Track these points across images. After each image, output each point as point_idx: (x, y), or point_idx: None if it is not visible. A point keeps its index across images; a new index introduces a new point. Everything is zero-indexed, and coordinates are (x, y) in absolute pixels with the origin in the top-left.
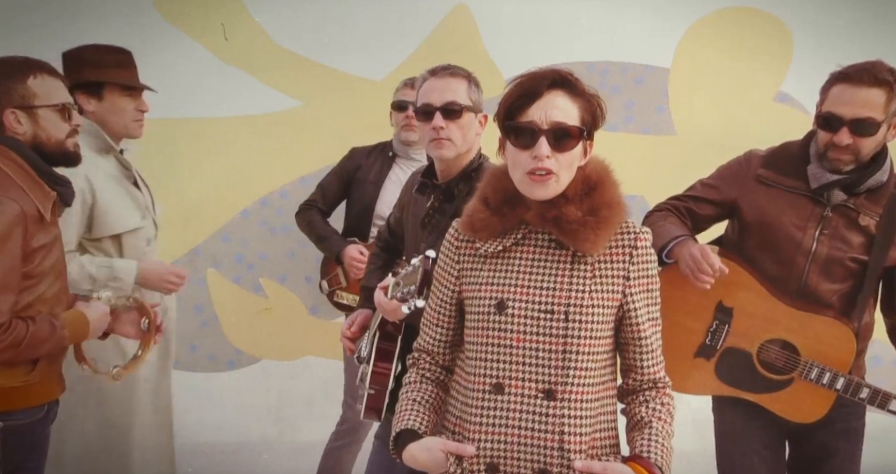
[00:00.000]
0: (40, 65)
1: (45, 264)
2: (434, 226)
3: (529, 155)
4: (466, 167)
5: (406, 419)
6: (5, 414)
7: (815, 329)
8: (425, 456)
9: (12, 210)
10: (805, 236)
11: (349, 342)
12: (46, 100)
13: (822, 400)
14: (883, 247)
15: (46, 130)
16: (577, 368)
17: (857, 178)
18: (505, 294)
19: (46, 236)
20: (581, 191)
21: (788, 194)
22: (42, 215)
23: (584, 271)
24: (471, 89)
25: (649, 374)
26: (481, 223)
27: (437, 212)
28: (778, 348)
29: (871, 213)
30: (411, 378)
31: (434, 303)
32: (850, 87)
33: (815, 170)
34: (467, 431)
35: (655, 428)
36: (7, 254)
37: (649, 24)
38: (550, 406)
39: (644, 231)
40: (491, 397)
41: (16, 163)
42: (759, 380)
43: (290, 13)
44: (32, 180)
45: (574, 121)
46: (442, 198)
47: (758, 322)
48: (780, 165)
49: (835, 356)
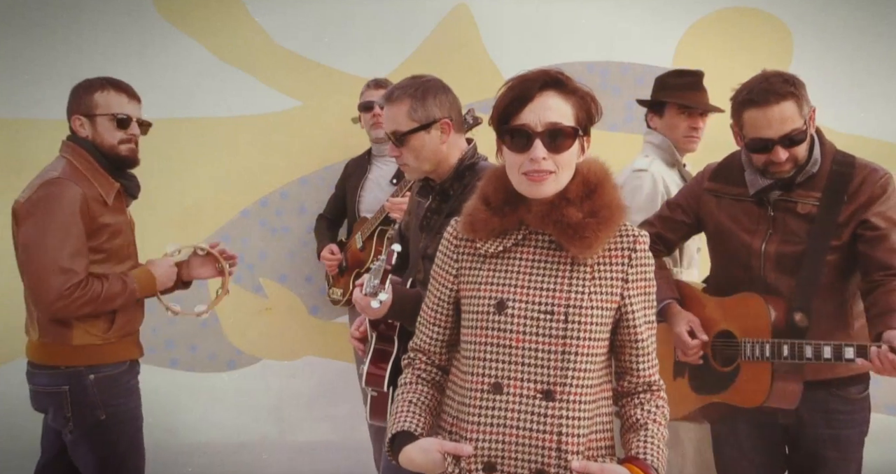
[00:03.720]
0: (113, 83)
1: (113, 242)
2: (431, 226)
3: (526, 158)
4: (458, 166)
5: (401, 421)
6: (95, 368)
7: (738, 308)
8: (422, 457)
9: (75, 192)
10: (755, 239)
11: (358, 342)
12: (105, 110)
13: (762, 375)
14: (823, 225)
15: (101, 135)
16: (576, 369)
17: (792, 177)
18: (505, 294)
19: (111, 218)
20: (582, 193)
21: (735, 202)
22: (105, 200)
23: (584, 273)
24: (414, 108)
25: (644, 377)
26: (481, 223)
27: (434, 212)
28: (723, 339)
29: (809, 200)
30: (407, 379)
31: (431, 301)
32: (761, 111)
33: (750, 177)
34: (465, 431)
35: (651, 431)
36: (76, 226)
37: (649, 24)
38: (549, 406)
39: (643, 234)
40: (489, 397)
41: (83, 157)
42: (718, 377)
43: (290, 13)
44: (96, 171)
45: (568, 121)
46: (439, 198)
47: (705, 322)
48: (725, 175)
49: (756, 325)
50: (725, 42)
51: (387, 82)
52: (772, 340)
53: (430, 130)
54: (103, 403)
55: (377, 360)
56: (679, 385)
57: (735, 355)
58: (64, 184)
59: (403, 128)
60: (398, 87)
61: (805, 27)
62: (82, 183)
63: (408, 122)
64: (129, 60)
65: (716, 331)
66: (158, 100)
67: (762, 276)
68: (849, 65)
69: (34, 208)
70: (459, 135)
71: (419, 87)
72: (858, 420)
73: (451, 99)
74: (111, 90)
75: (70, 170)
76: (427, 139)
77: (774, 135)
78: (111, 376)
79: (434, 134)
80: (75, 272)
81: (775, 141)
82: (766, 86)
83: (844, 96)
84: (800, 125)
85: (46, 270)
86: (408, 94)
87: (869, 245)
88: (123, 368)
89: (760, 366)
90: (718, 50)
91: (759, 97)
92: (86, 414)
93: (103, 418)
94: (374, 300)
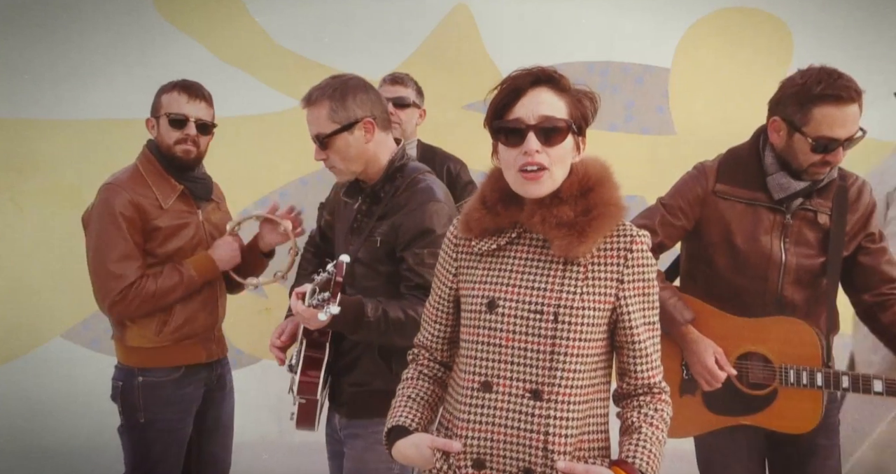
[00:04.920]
0: (181, 84)
1: (168, 246)
2: (362, 229)
3: (519, 152)
4: (388, 168)
5: (398, 415)
6: (145, 371)
7: (776, 332)
8: (413, 451)
9: (122, 198)
10: (773, 248)
11: (278, 351)
12: (166, 110)
13: (812, 403)
14: (837, 238)
15: (162, 135)
16: (565, 369)
17: (820, 181)
18: (496, 293)
19: (167, 221)
20: (576, 192)
21: (749, 207)
22: (160, 204)
23: (577, 273)
24: (334, 108)
25: (643, 379)
26: (476, 222)
27: (365, 215)
28: (750, 362)
29: (825, 209)
30: (409, 374)
31: (433, 299)
32: (840, 109)
33: (780, 181)
34: (456, 428)
35: (645, 434)
36: (120, 233)
37: (649, 24)
38: (536, 406)
39: (642, 234)
40: (479, 395)
41: (148, 160)
42: (746, 400)
43: (290, 13)
44: (159, 174)
45: (561, 115)
46: (369, 201)
47: (724, 342)
48: (735, 177)
49: (803, 353)
50: (725, 42)
51: (405, 77)
52: (826, 370)
53: (353, 131)
54: (144, 408)
55: (308, 368)
56: (689, 402)
57: (770, 379)
58: (112, 191)
59: (325, 130)
60: (317, 89)
61: (805, 27)
62: (137, 187)
63: (329, 124)
64: (129, 60)
65: (741, 353)
66: None
67: (778, 289)
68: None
69: (91, 215)
70: (386, 134)
71: (338, 87)
72: (837, 406)
73: (373, 97)
74: (175, 91)
75: (128, 174)
76: (351, 140)
77: (844, 136)
78: (158, 383)
79: (357, 134)
80: (125, 276)
81: (842, 141)
82: (843, 82)
83: None
84: (858, 129)
85: (99, 276)
86: (326, 96)
87: (872, 257)
88: (175, 375)
89: (809, 395)
90: (718, 50)
91: (842, 92)
92: (129, 414)
93: (142, 421)
94: (322, 313)
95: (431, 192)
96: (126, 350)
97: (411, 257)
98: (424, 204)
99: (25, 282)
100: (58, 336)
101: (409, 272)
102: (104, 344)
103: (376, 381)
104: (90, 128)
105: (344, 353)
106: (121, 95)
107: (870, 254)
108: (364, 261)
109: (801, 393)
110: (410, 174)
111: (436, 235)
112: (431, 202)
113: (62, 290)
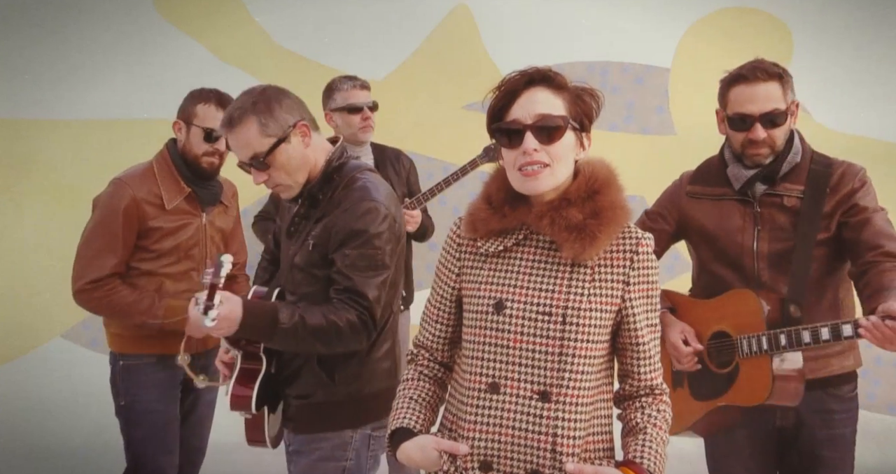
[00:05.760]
0: (218, 97)
1: (164, 244)
2: (299, 233)
3: (519, 151)
4: (325, 168)
5: (401, 417)
6: (124, 355)
7: (730, 307)
8: (419, 454)
9: (125, 194)
10: (745, 238)
11: (224, 367)
12: (200, 122)
13: (762, 371)
14: (809, 218)
15: (191, 143)
16: (573, 371)
17: (775, 167)
18: (504, 294)
19: (166, 221)
20: (584, 194)
21: (718, 202)
22: (164, 203)
23: (584, 274)
24: (263, 122)
25: (646, 380)
26: (481, 222)
27: (303, 218)
28: (718, 341)
29: (794, 192)
30: (409, 375)
31: (434, 299)
32: (748, 86)
33: (734, 171)
34: (462, 429)
35: (650, 435)
36: (112, 227)
37: (649, 24)
38: (544, 407)
39: (646, 236)
40: (486, 396)
41: (164, 159)
42: (719, 381)
43: (290, 13)
44: (170, 176)
45: (558, 112)
46: (307, 203)
47: (698, 326)
48: (704, 177)
49: (751, 322)
50: (725, 42)
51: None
52: (767, 332)
53: (290, 139)
54: (125, 391)
55: (243, 381)
56: (680, 395)
57: (732, 354)
58: (117, 186)
59: (262, 148)
60: (235, 109)
61: (805, 27)
62: (144, 185)
63: (263, 140)
64: (129, 60)
65: (710, 334)
66: (158, 100)
67: (756, 276)
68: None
69: (94, 204)
70: (318, 134)
71: (257, 100)
72: (852, 418)
73: (295, 100)
74: (213, 104)
75: (140, 171)
76: (290, 150)
77: (757, 112)
78: (135, 366)
79: (295, 141)
80: (101, 267)
81: (756, 117)
82: (755, 64)
83: (844, 96)
84: (781, 107)
85: (79, 261)
86: (250, 112)
87: (854, 230)
88: (150, 360)
89: (759, 362)
90: (718, 50)
91: (748, 73)
92: (115, 398)
93: (122, 404)
94: (206, 318)
95: (366, 191)
96: (110, 336)
97: (340, 259)
98: (357, 203)
99: (25, 282)
100: (58, 336)
101: (338, 275)
102: (104, 344)
103: (318, 393)
104: (90, 128)
105: (286, 364)
106: (121, 95)
107: (851, 227)
108: (301, 267)
109: (755, 362)
110: (350, 173)
111: (368, 235)
112: (365, 201)
113: (62, 290)
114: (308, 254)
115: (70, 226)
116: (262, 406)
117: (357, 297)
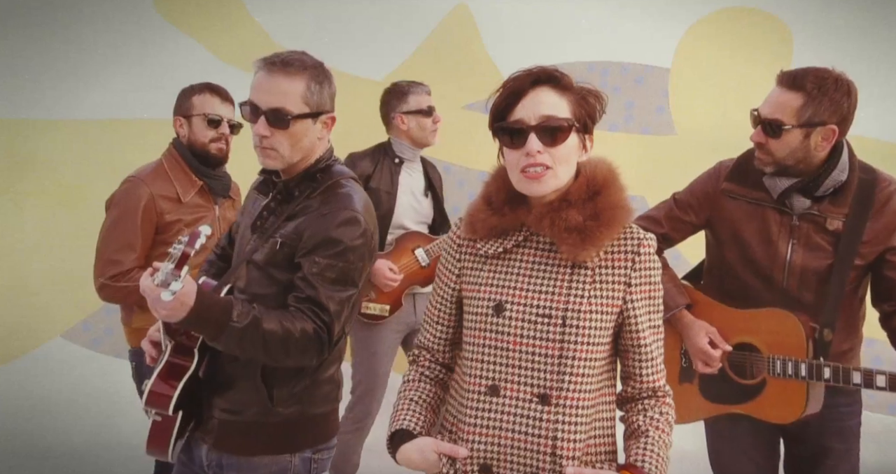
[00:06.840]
0: (210, 87)
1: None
2: (266, 228)
3: (522, 153)
4: (310, 167)
5: (402, 419)
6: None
7: (766, 324)
8: (418, 456)
9: (142, 191)
10: (779, 248)
11: (151, 348)
12: (199, 111)
13: (796, 394)
14: (850, 243)
15: (196, 134)
16: (573, 374)
17: (813, 181)
18: (503, 296)
19: (183, 215)
20: (585, 195)
21: (755, 206)
22: (180, 198)
23: (585, 276)
24: (311, 90)
25: (648, 382)
26: (481, 223)
27: (272, 213)
28: (741, 352)
29: (837, 216)
30: (411, 376)
31: (435, 300)
32: (775, 88)
33: (769, 181)
34: (462, 432)
35: (652, 438)
36: (130, 224)
37: (649, 24)
38: (544, 411)
39: (648, 237)
40: (486, 399)
41: (173, 156)
42: (737, 389)
43: (290, 13)
44: (181, 171)
45: (563, 114)
46: (280, 198)
47: (719, 332)
48: (742, 177)
49: (789, 344)
50: (725, 42)
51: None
52: (810, 361)
53: (317, 121)
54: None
55: (167, 376)
56: (687, 390)
57: (760, 369)
58: (133, 183)
59: (293, 109)
60: (294, 58)
61: (805, 27)
62: (158, 182)
63: (300, 105)
64: (129, 60)
65: (734, 343)
66: (158, 100)
67: (784, 289)
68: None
69: (109, 203)
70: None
71: (319, 68)
72: (857, 411)
73: (334, 92)
74: (207, 93)
75: (151, 169)
76: (309, 130)
77: (763, 114)
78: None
79: (318, 126)
80: (120, 263)
81: (760, 119)
82: (800, 71)
83: None
84: (790, 121)
85: (100, 258)
86: (308, 71)
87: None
88: None
89: (793, 385)
90: (718, 50)
91: (784, 75)
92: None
93: None
94: (166, 291)
95: (349, 200)
96: (131, 332)
97: (308, 265)
98: (338, 211)
99: (25, 282)
100: (58, 336)
101: (302, 281)
102: (104, 344)
103: (251, 410)
104: (90, 128)
105: (219, 367)
106: (121, 95)
107: (893, 268)
108: (259, 264)
109: (787, 383)
110: (333, 177)
111: (344, 247)
112: (346, 210)
113: (62, 290)
114: (272, 252)
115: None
116: (178, 409)
117: (318, 309)
